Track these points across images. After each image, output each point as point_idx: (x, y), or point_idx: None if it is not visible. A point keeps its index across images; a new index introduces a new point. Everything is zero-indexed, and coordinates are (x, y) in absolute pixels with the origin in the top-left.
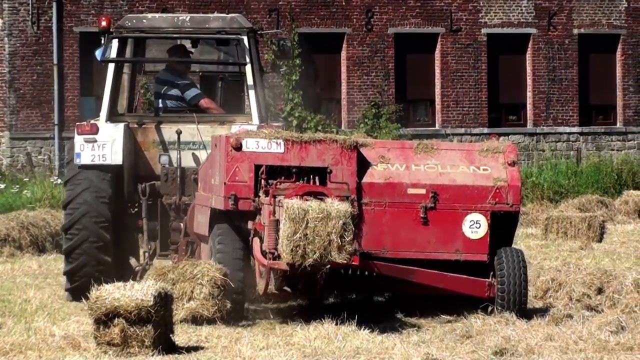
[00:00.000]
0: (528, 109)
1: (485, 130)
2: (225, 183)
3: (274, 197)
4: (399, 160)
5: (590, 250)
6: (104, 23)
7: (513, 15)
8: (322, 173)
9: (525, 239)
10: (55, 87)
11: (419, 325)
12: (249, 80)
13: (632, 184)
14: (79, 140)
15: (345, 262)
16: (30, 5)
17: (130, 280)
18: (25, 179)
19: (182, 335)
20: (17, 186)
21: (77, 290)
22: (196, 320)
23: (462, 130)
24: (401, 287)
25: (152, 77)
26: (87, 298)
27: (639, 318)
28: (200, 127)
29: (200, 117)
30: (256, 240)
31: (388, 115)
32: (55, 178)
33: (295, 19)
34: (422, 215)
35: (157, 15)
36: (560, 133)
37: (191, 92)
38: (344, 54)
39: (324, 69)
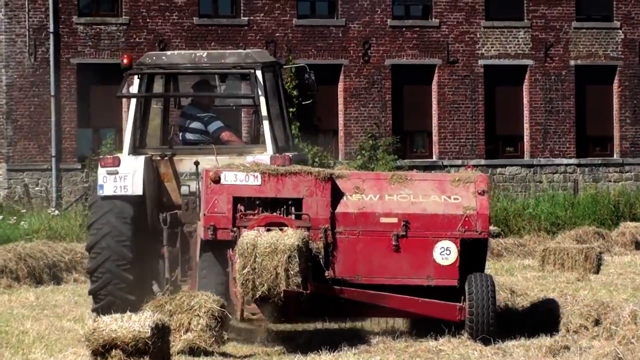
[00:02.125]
0: (525, 140)
1: (482, 161)
2: (204, 214)
3: (238, 228)
4: (373, 191)
5: (587, 281)
6: (125, 60)
7: (510, 47)
8: (298, 204)
9: (522, 270)
10: (53, 118)
11: (415, 355)
12: (263, 112)
13: (629, 216)
14: (101, 172)
15: (295, 290)
16: (27, 36)
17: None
18: (22, 211)
19: None
20: (14, 217)
21: (103, 310)
22: (193, 351)
23: (459, 162)
24: (375, 312)
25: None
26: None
27: (636, 349)
28: (219, 158)
29: (219, 148)
30: (231, 269)
31: (385, 146)
32: (53, 209)
33: (292, 50)
34: (394, 243)
35: (175, 52)
36: (558, 165)
37: (214, 125)
38: (341, 85)
39: (320, 100)
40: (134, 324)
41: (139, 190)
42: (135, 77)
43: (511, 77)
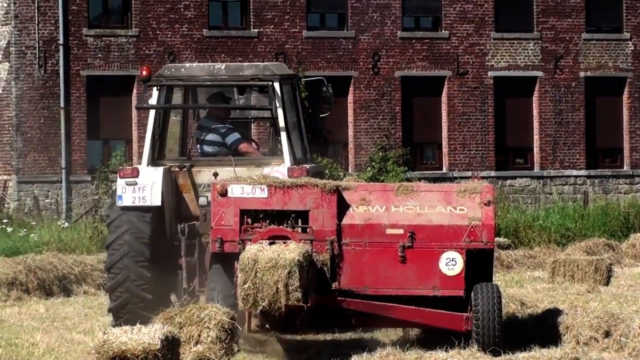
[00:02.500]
0: (535, 152)
1: (492, 173)
2: (212, 227)
3: (242, 241)
4: (379, 202)
5: (597, 293)
6: (144, 72)
7: (520, 59)
8: (305, 216)
9: (532, 282)
10: (62, 130)
11: None
12: (281, 123)
13: (639, 227)
14: (120, 183)
15: (296, 304)
16: (37, 49)
17: None
18: (32, 223)
19: None
20: (24, 230)
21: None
22: None
23: (469, 174)
24: (382, 323)
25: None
26: None
27: None
28: (237, 170)
29: (237, 160)
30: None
31: (395, 158)
32: (62, 221)
33: (302, 62)
34: (400, 254)
35: (194, 64)
36: (568, 176)
37: (232, 137)
38: (350, 97)
39: (330, 112)
40: (143, 336)
41: (157, 201)
42: (154, 88)
43: (521, 89)
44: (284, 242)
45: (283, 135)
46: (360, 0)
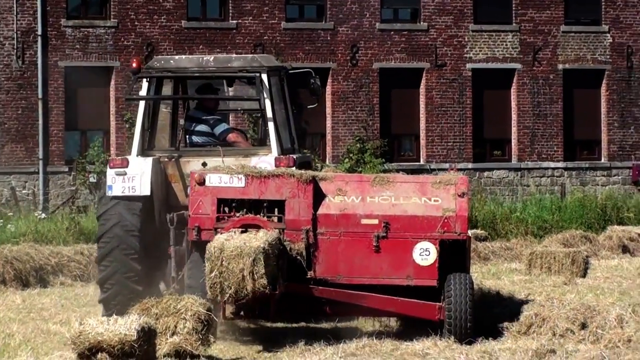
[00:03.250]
0: (513, 144)
1: (470, 165)
2: (189, 215)
3: (215, 230)
4: (355, 193)
5: (574, 285)
6: (134, 64)
7: (498, 51)
8: (281, 206)
9: (509, 273)
10: (40, 121)
11: (401, 358)
12: (268, 114)
13: (616, 220)
14: (110, 173)
15: (263, 291)
16: (15, 39)
17: None
18: (9, 214)
19: None
20: (1, 220)
21: (109, 301)
22: (179, 355)
23: (447, 165)
24: (356, 312)
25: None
26: None
27: (622, 353)
28: (225, 160)
29: (225, 150)
30: None
31: (373, 150)
32: (40, 212)
33: (280, 54)
34: (375, 244)
35: (183, 56)
36: (545, 168)
37: (220, 128)
38: (329, 88)
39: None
40: (120, 327)
41: (146, 191)
42: (144, 80)
43: (499, 81)
44: (256, 231)
45: (270, 125)
46: None
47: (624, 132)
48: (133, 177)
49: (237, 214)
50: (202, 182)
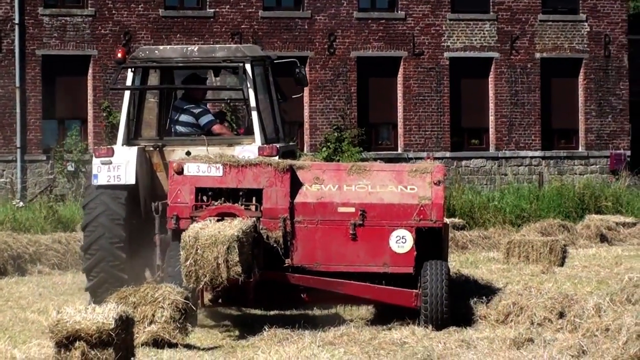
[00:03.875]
0: (490, 132)
1: (448, 154)
2: (168, 204)
3: (192, 218)
4: (332, 181)
5: (551, 274)
6: (119, 54)
7: (475, 39)
8: (259, 194)
9: (487, 262)
10: (18, 110)
11: (379, 347)
12: (252, 104)
13: (594, 208)
14: (96, 162)
15: (238, 279)
16: None
17: None
18: None
19: (143, 358)
20: None
21: (95, 289)
22: (158, 343)
23: (424, 154)
24: (333, 299)
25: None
26: None
27: (600, 342)
28: (209, 149)
29: (209, 139)
30: None
31: (350, 139)
32: (17, 201)
33: (258, 42)
34: (351, 232)
35: (168, 46)
36: (523, 157)
37: (205, 119)
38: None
39: (286, 92)
40: (97, 316)
41: (131, 180)
42: (129, 70)
43: (477, 70)
44: (231, 220)
45: (254, 114)
46: None
47: (601, 121)
48: (118, 166)
49: (215, 203)
50: (180, 171)
